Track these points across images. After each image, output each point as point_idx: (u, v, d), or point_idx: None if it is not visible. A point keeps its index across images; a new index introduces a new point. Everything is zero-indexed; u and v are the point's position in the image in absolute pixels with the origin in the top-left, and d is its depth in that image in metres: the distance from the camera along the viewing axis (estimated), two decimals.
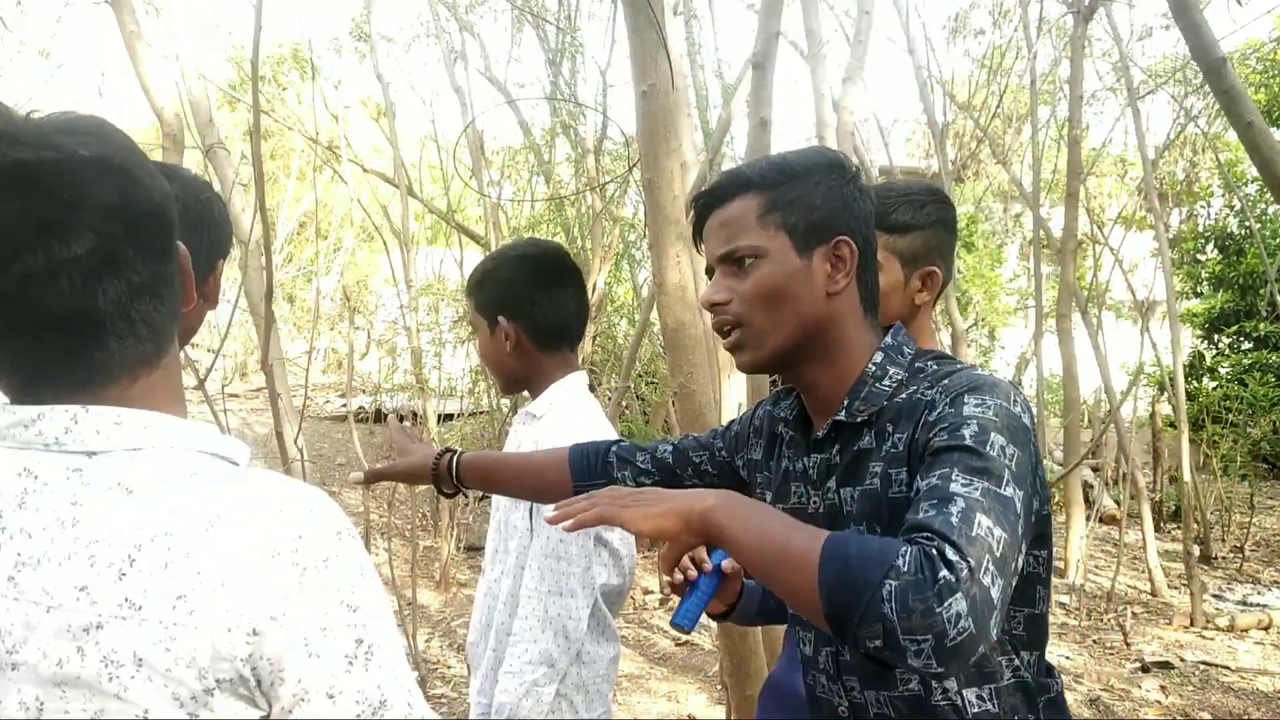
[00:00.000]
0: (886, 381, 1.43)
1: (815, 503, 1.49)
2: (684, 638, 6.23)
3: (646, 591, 7.27)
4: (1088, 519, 7.90)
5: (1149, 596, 7.28)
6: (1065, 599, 7.09)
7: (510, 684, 2.03)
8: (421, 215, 12.53)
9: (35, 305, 0.90)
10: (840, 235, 1.44)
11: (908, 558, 1.09)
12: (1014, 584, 1.15)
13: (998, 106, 9.98)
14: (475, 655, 2.27)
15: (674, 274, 3.51)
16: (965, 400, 1.28)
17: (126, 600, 0.86)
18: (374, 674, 0.92)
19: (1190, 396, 9.58)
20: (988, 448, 1.22)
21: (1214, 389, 12.00)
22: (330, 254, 15.04)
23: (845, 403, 1.45)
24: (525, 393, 2.34)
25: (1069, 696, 1.95)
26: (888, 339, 1.48)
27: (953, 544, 1.09)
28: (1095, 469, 9.91)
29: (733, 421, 1.81)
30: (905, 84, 28.87)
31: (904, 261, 1.90)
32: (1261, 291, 11.86)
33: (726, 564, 1.91)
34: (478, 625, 2.27)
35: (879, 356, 1.46)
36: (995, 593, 1.08)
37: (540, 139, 8.81)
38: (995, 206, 15.78)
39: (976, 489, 1.17)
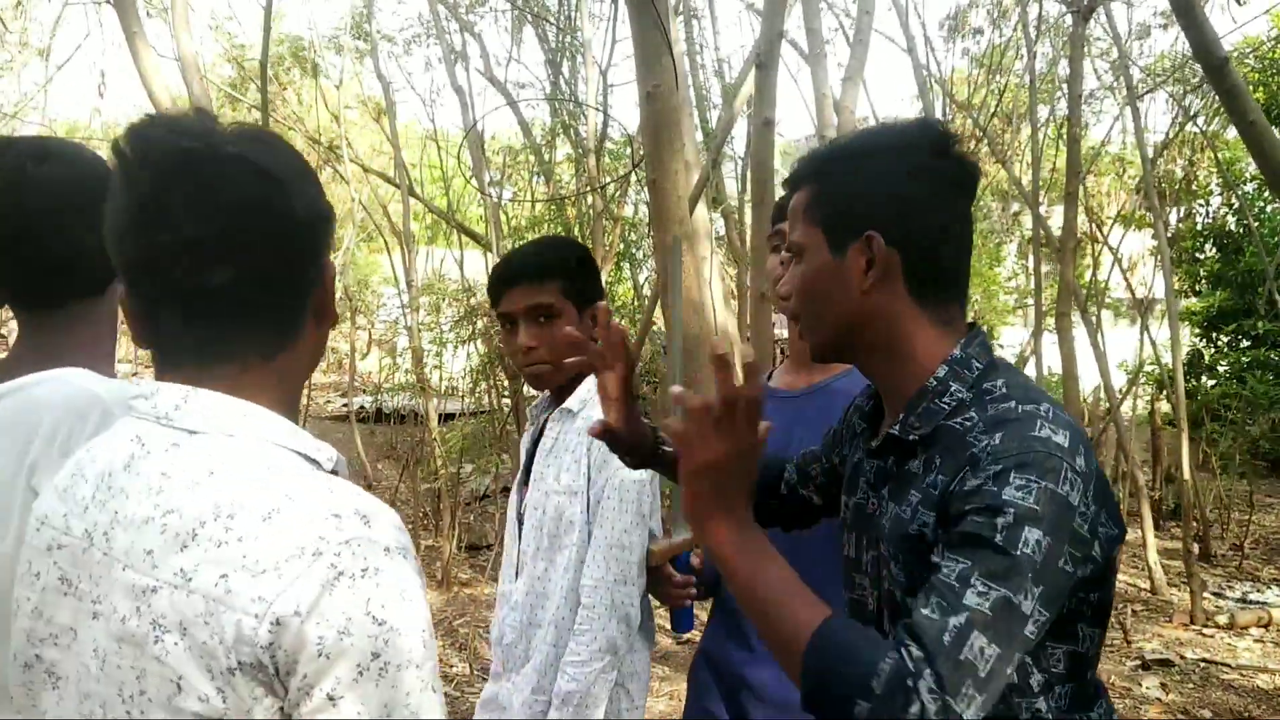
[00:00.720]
0: (947, 399, 1.36)
1: (874, 505, 1.47)
2: (685, 636, 6.24)
3: None
4: None
5: (1149, 594, 7.30)
6: None
7: (579, 673, 2.12)
8: (421, 215, 12.54)
9: (163, 278, 1.01)
10: (870, 229, 1.36)
11: (884, 677, 1.11)
12: (1022, 656, 1.18)
13: (997, 105, 10.00)
14: (514, 656, 2.26)
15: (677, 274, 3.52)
16: (1010, 480, 1.20)
17: (181, 571, 0.93)
18: (383, 691, 0.92)
19: (1189, 395, 9.60)
20: (1019, 547, 1.17)
21: (1213, 387, 12.01)
22: (331, 254, 15.06)
23: (902, 416, 1.40)
24: (546, 390, 2.38)
25: None
26: (956, 351, 1.38)
27: (934, 671, 1.11)
28: None
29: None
30: (904, 83, 28.99)
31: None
32: (1260, 289, 11.84)
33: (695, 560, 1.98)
34: (516, 625, 2.25)
35: (942, 370, 1.38)
36: (971, 711, 1.11)
37: (541, 139, 8.82)
38: (994, 205, 15.79)
39: (988, 600, 1.15)
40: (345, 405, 10.68)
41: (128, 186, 1.01)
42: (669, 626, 6.51)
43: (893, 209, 1.36)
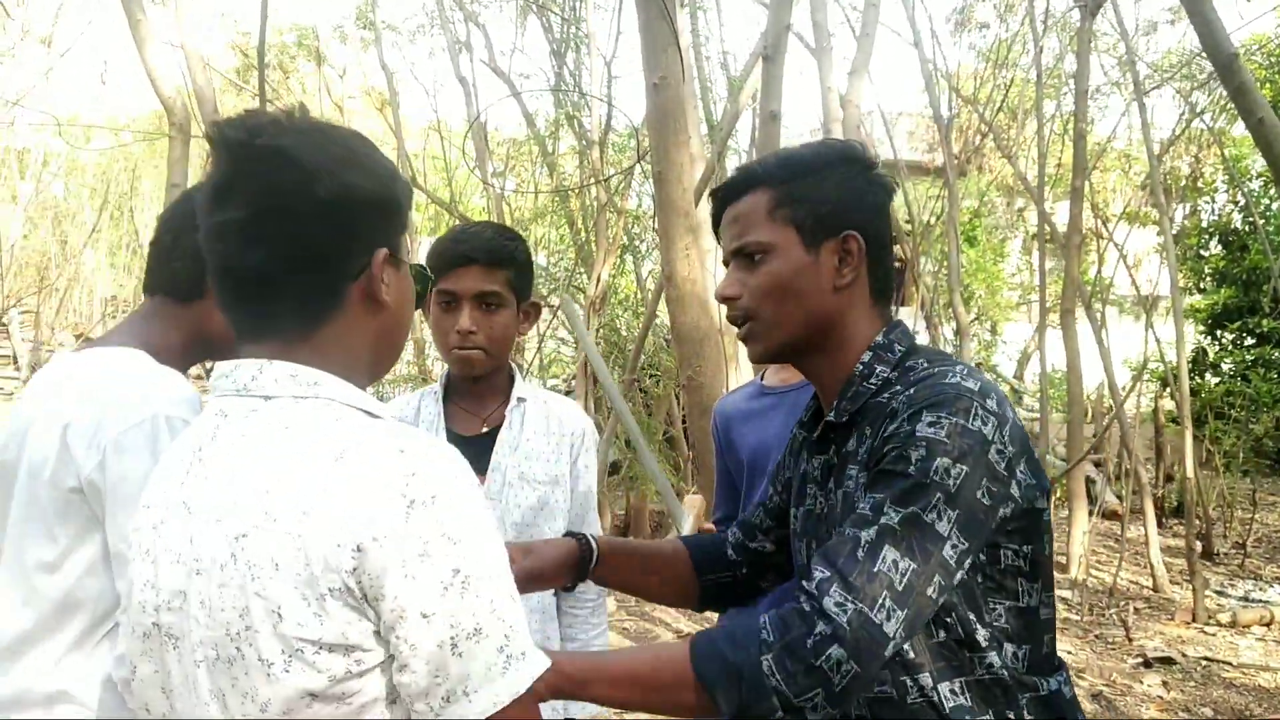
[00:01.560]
0: (873, 380, 1.45)
1: (821, 504, 1.51)
2: (685, 630, 6.23)
3: None
4: (1090, 514, 7.90)
5: (1151, 592, 7.29)
6: (1068, 594, 7.09)
7: (604, 643, 2.29)
8: (424, 206, 12.52)
9: (214, 257, 1.13)
10: (848, 229, 1.45)
11: (770, 625, 1.19)
12: (942, 599, 1.25)
13: (1003, 101, 9.97)
14: None
15: (683, 266, 3.50)
16: (921, 417, 1.30)
17: (266, 513, 1.02)
18: (469, 602, 1.00)
19: (1193, 392, 9.58)
20: (930, 474, 1.25)
21: (1217, 385, 12.00)
22: None
23: (835, 403, 1.48)
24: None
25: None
26: (878, 337, 1.49)
27: (844, 581, 1.19)
28: (1098, 464, 9.91)
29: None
30: (910, 77, 28.95)
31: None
32: (1265, 287, 11.84)
33: None
34: None
35: (867, 355, 1.47)
36: (892, 626, 1.19)
37: (544, 130, 8.79)
38: (999, 200, 15.76)
39: (897, 517, 1.24)
40: None
41: (208, 174, 1.14)
42: (669, 619, 6.48)
43: (865, 213, 1.47)
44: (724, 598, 1.82)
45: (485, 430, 2.29)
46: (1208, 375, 12.73)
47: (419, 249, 8.64)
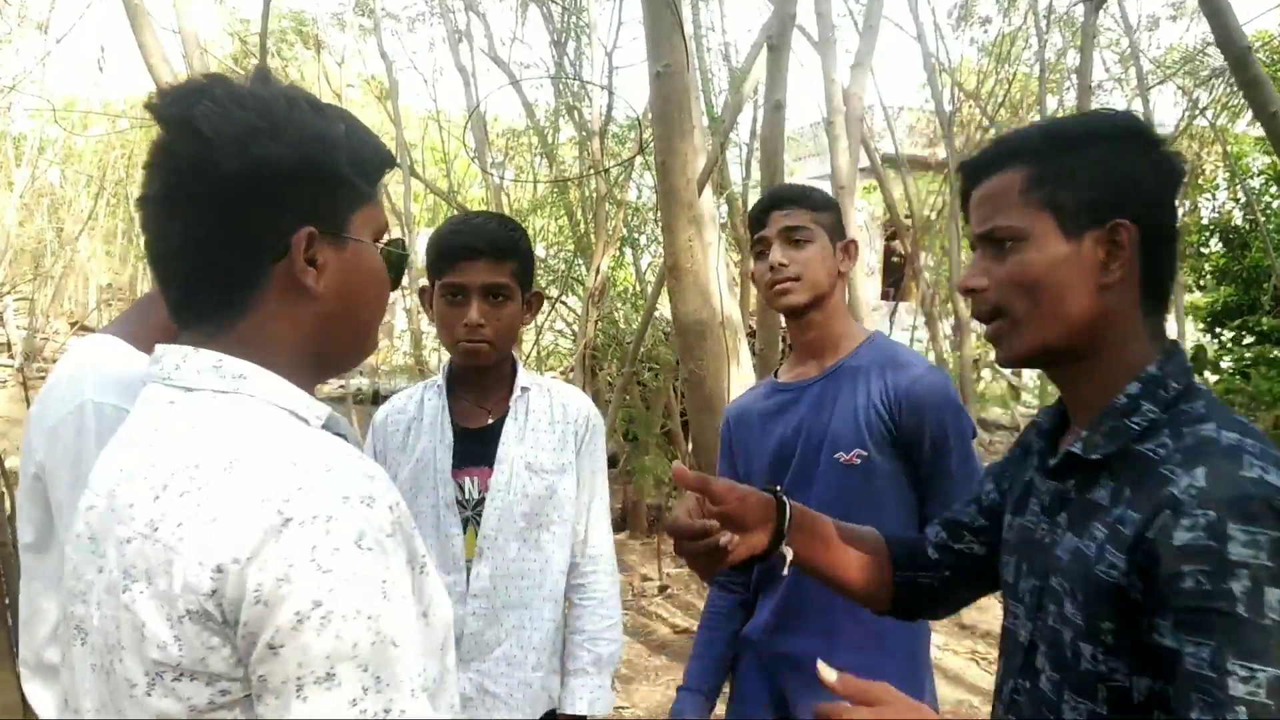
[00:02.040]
0: (1137, 418, 1.24)
1: (1044, 531, 1.34)
2: (683, 625, 6.20)
3: (645, 579, 7.24)
4: None
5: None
6: None
7: (615, 634, 2.33)
8: (422, 196, 12.48)
9: (145, 235, 1.08)
10: (1118, 218, 1.24)
11: None
12: None
13: (1005, 95, 9.93)
14: (481, 643, 2.21)
15: (685, 258, 3.46)
16: (1230, 534, 1.06)
17: (150, 521, 0.94)
18: (325, 642, 0.88)
19: None
20: (1265, 613, 1.03)
21: (1216, 383, 11.95)
22: None
23: (1085, 434, 1.27)
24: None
25: None
26: (1151, 368, 1.26)
27: None
28: None
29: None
30: (912, 70, 28.92)
31: (829, 233, 2.22)
32: (1265, 285, 11.81)
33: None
34: (484, 611, 2.21)
35: (1134, 387, 1.25)
36: None
37: (544, 120, 8.74)
38: None
39: (1259, 685, 1.02)
40: (342, 386, 10.63)
41: None
42: (666, 613, 6.43)
43: (1140, 199, 1.26)
44: (919, 602, 1.63)
45: (490, 422, 2.28)
46: (1207, 373, 12.68)
47: (417, 239, 8.60)
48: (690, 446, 7.01)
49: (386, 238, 1.20)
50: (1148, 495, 1.16)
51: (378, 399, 10.98)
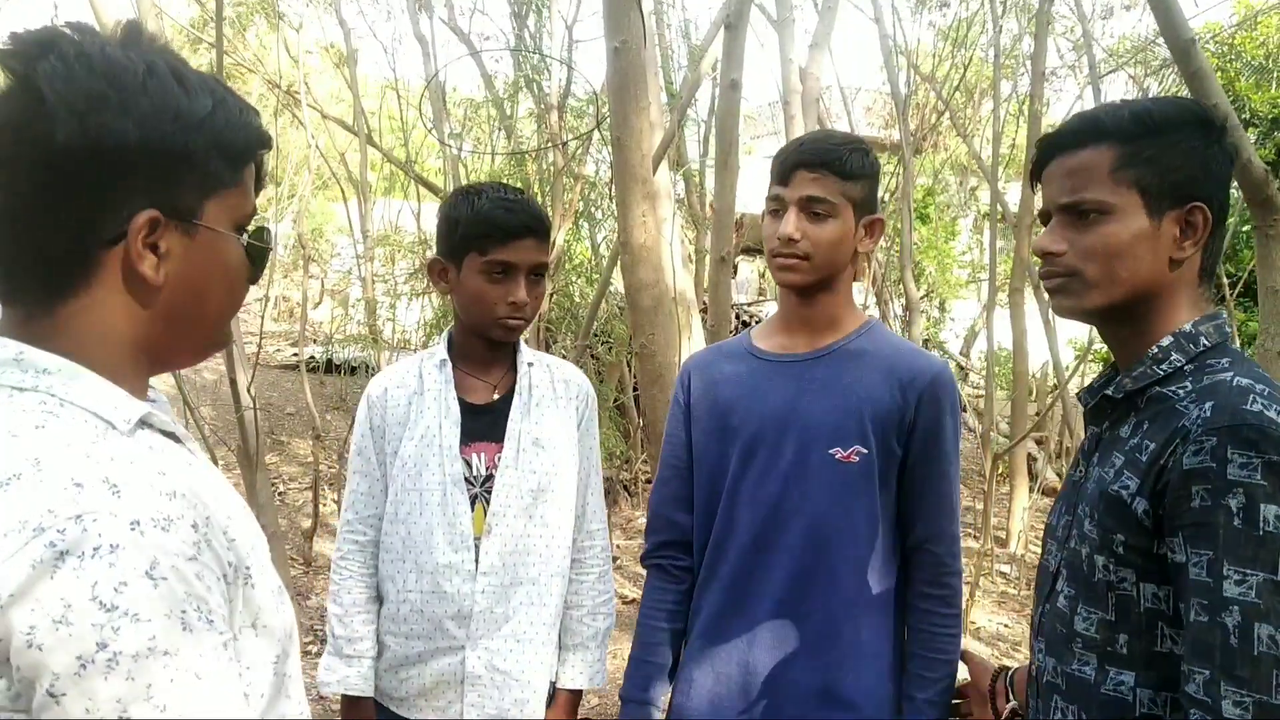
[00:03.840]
0: (1164, 365, 1.38)
1: (1080, 473, 1.50)
2: (631, 595, 6.26)
3: None
4: (1031, 491, 8.05)
5: None
6: (1006, 569, 7.23)
7: (610, 609, 2.37)
8: (379, 165, 12.38)
9: None
10: (1197, 201, 1.37)
11: None
12: None
13: (960, 79, 10.03)
14: (489, 620, 2.19)
15: (639, 233, 3.50)
16: (1230, 457, 1.20)
17: None
18: (115, 686, 0.79)
19: None
20: (1260, 525, 1.17)
21: None
22: (285, 201, 14.82)
23: (1118, 378, 1.44)
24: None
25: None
26: (1186, 325, 1.40)
27: (1233, 678, 1.14)
28: (1039, 442, 10.08)
29: None
30: (869, 53, 28.96)
31: (855, 208, 1.96)
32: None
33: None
34: (492, 588, 2.19)
35: (1167, 340, 1.39)
36: None
37: (503, 92, 8.72)
38: (952, 179, 15.87)
39: (1250, 586, 1.16)
40: (295, 355, 10.56)
41: None
42: (619, 584, 6.47)
43: (1213, 185, 1.39)
44: None
45: (496, 397, 2.27)
46: None
47: (372, 210, 8.54)
48: (641, 420, 7.07)
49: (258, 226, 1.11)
50: (1162, 428, 1.31)
51: (331, 368, 10.94)
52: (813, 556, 1.97)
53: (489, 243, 2.15)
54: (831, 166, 1.93)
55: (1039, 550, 1.65)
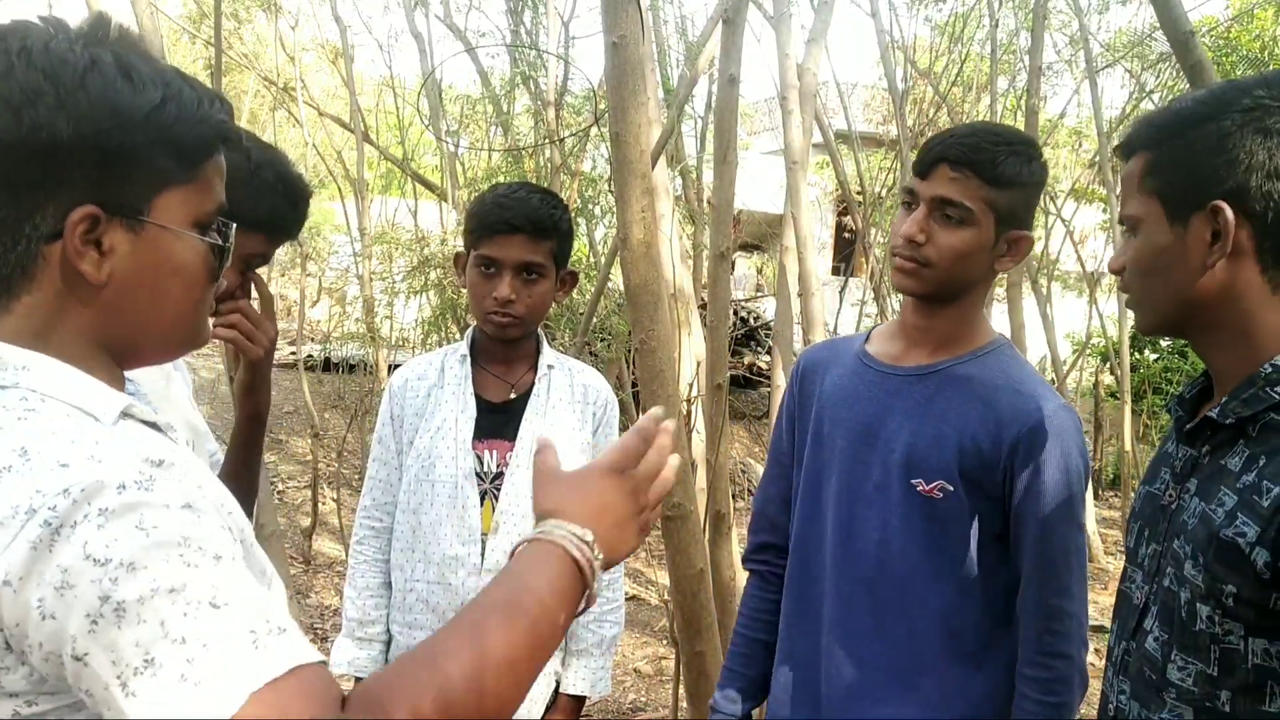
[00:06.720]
0: (1279, 389, 1.22)
1: (1170, 497, 1.36)
2: (630, 591, 6.27)
3: None
4: None
5: (1087, 561, 7.44)
6: None
7: (618, 616, 2.35)
8: (376, 163, 12.37)
9: None
10: (1216, 199, 1.22)
11: None
12: None
13: (957, 74, 10.02)
14: None
15: (638, 229, 3.48)
16: None
17: None
18: (129, 631, 0.80)
19: (1133, 367, 9.76)
20: None
21: (1155, 361, 12.24)
22: None
23: (1225, 400, 1.27)
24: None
25: None
26: None
27: None
28: None
29: None
30: (866, 48, 29.03)
31: (998, 219, 1.71)
32: None
33: None
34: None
35: None
36: None
37: (500, 89, 8.70)
38: None
39: None
40: (293, 353, 10.55)
41: None
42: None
43: (1234, 174, 1.22)
44: None
45: (513, 396, 2.29)
46: (1146, 351, 12.98)
47: (369, 207, 8.53)
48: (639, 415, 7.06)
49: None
50: (1276, 459, 1.18)
51: (329, 366, 10.92)
52: (889, 591, 1.80)
53: (479, 237, 2.20)
54: (978, 167, 1.68)
55: None
